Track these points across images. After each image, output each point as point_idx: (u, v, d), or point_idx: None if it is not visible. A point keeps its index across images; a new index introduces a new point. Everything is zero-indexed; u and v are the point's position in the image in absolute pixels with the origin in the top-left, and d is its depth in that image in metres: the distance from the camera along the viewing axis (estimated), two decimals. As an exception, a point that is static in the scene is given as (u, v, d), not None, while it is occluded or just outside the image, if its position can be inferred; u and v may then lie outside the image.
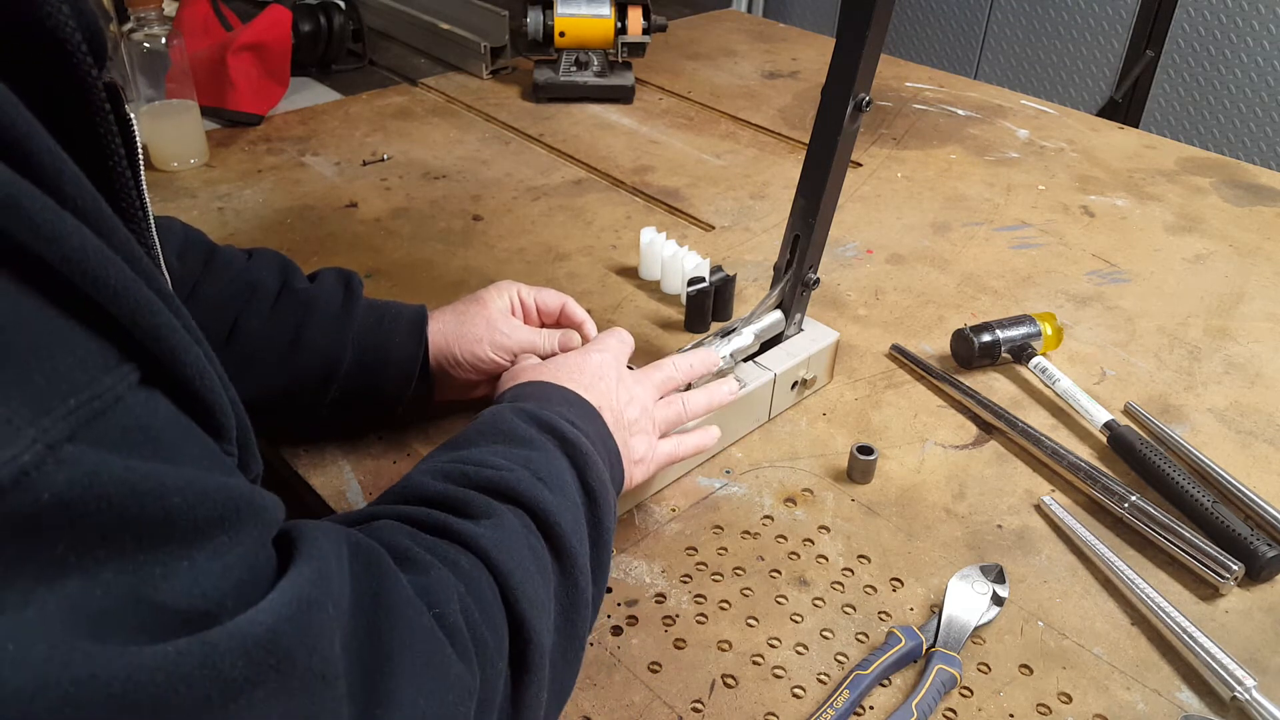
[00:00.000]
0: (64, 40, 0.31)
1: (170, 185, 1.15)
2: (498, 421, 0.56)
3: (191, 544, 0.30)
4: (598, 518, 0.54)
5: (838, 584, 0.67)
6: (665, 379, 0.69)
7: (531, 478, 0.51)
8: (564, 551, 0.50)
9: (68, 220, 0.28)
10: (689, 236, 1.10)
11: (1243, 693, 0.59)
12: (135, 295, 0.30)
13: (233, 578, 0.31)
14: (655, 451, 0.66)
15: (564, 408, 0.59)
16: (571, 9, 1.40)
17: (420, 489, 0.50)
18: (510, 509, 0.49)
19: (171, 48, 1.14)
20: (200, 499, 0.30)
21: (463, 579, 0.44)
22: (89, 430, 0.27)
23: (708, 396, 0.71)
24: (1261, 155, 2.13)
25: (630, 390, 0.66)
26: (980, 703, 0.59)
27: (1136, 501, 0.72)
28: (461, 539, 0.46)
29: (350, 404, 0.71)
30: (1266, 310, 1.01)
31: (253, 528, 0.33)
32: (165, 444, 0.31)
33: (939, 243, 1.11)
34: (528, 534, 0.49)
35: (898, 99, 1.51)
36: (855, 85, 0.68)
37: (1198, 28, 2.16)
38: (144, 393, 0.30)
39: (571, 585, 0.50)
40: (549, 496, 0.50)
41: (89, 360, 0.28)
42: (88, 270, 0.28)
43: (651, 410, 0.67)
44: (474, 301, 0.73)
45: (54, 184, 0.28)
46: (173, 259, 0.68)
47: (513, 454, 0.52)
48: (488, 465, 0.51)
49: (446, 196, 1.16)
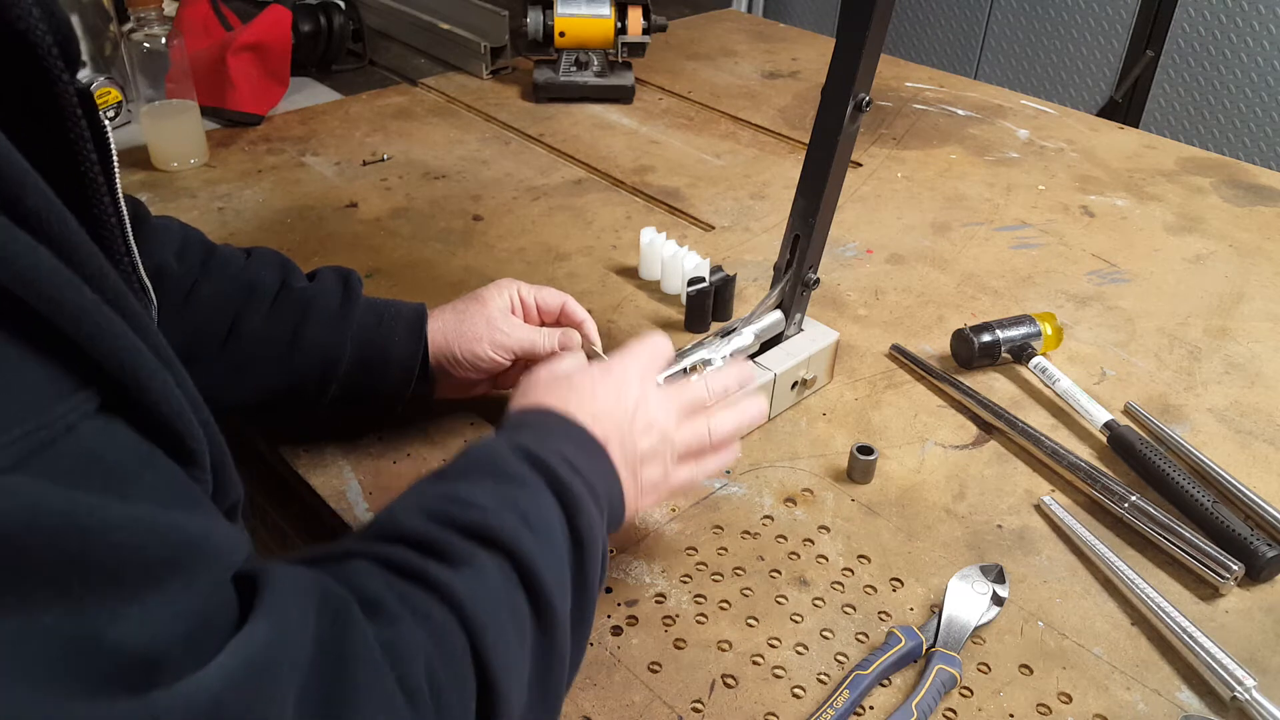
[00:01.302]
0: (34, 44, 0.31)
1: (170, 185, 1.15)
2: (491, 455, 0.53)
3: (141, 587, 0.29)
4: (583, 567, 0.51)
5: (838, 584, 0.67)
6: (693, 400, 0.64)
7: (518, 522, 0.48)
8: (544, 605, 0.47)
9: (22, 240, 0.27)
10: (689, 236, 1.10)
11: (1243, 693, 0.59)
12: (96, 318, 0.29)
13: (183, 627, 0.30)
14: (670, 480, 0.62)
15: (564, 444, 0.55)
16: (571, 9, 1.40)
17: (402, 526, 0.47)
18: (492, 556, 0.46)
19: (171, 48, 1.14)
20: (151, 538, 0.29)
21: (433, 634, 0.41)
22: (34, 461, 0.26)
23: (736, 418, 0.65)
24: (1261, 155, 2.13)
25: (649, 415, 0.60)
26: (980, 703, 0.59)
27: (1136, 501, 0.72)
28: (438, 588, 0.43)
29: (350, 403, 0.71)
30: (1266, 310, 1.01)
31: (207, 571, 0.32)
32: (120, 476, 0.29)
33: (939, 243, 1.11)
34: (507, 585, 0.46)
35: (898, 99, 1.51)
36: (855, 85, 0.68)
37: (1198, 28, 2.16)
38: (100, 421, 0.29)
39: (549, 641, 0.47)
40: (534, 545, 0.48)
41: (40, 388, 0.27)
42: (43, 292, 0.27)
43: (672, 436, 0.62)
44: (474, 300, 0.73)
45: (15, 198, 0.28)
46: (171, 259, 0.68)
47: (501, 493, 0.50)
48: (474, 505, 0.48)
49: (446, 196, 1.16)
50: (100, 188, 0.35)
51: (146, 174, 1.17)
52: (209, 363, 0.67)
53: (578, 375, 0.61)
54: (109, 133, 0.38)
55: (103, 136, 0.36)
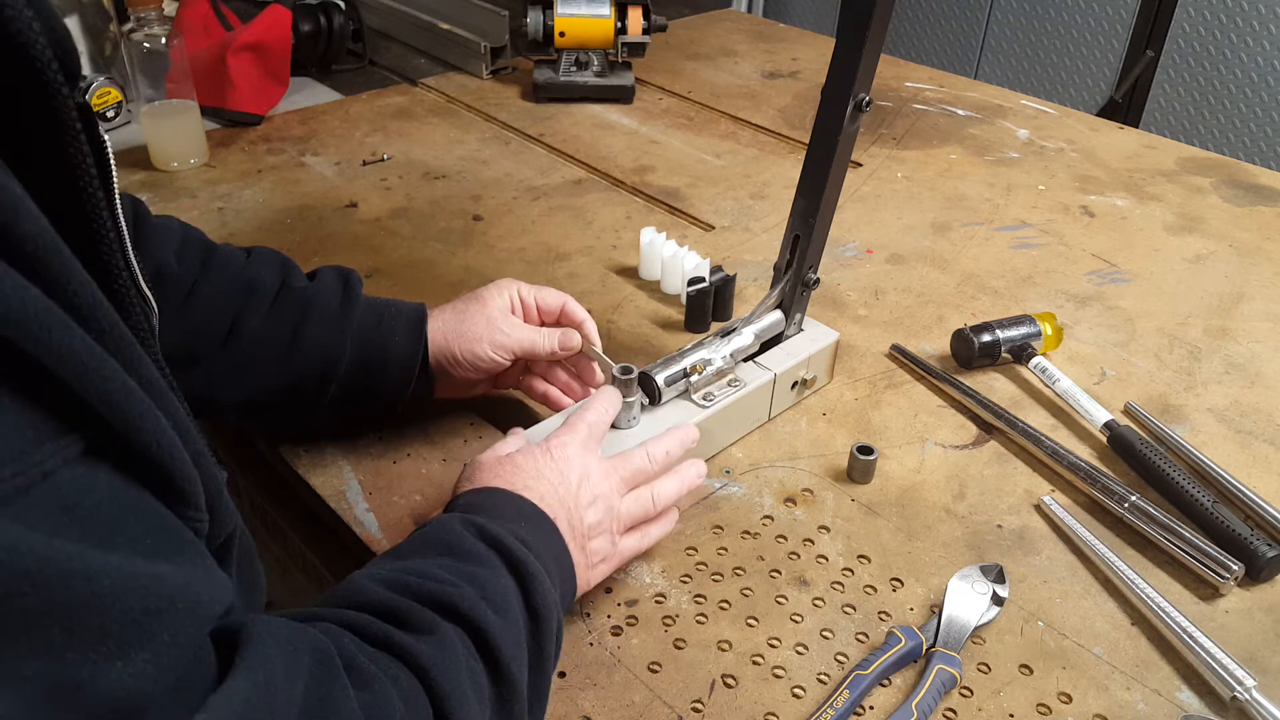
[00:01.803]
0: (34, 59, 0.30)
1: (170, 185, 1.15)
2: (444, 533, 0.53)
3: (126, 640, 0.28)
4: (539, 642, 0.51)
5: (838, 584, 0.67)
6: (635, 471, 0.64)
7: (475, 596, 0.48)
8: (503, 677, 0.48)
9: (10, 279, 0.26)
10: (689, 236, 1.10)
11: (1243, 693, 0.59)
12: (84, 359, 0.28)
13: (165, 680, 0.30)
14: (618, 549, 0.63)
15: (515, 523, 0.56)
16: (571, 9, 1.40)
17: (363, 594, 0.47)
18: (452, 627, 0.47)
19: (171, 48, 1.14)
20: (132, 589, 0.28)
21: (404, 698, 0.42)
22: (9, 508, 0.26)
23: (677, 485, 0.66)
24: (1261, 155, 2.13)
25: (594, 489, 0.61)
26: (980, 703, 0.59)
27: (1136, 501, 0.72)
28: (403, 654, 0.44)
29: (350, 402, 0.71)
30: (1266, 310, 1.01)
31: (190, 624, 0.31)
32: (99, 524, 0.29)
33: (939, 243, 1.11)
34: (468, 656, 0.47)
35: (898, 99, 1.51)
36: (855, 85, 0.68)
37: (1198, 28, 2.16)
38: (82, 467, 0.29)
39: (506, 713, 0.48)
40: (492, 618, 0.48)
41: (18, 434, 0.27)
42: (30, 333, 0.27)
43: (617, 507, 0.62)
44: (474, 300, 0.73)
45: (9, 225, 0.27)
46: (171, 259, 0.68)
47: (458, 569, 0.50)
48: (432, 578, 0.49)
49: (446, 196, 1.16)
50: (99, 203, 0.35)
51: (146, 174, 1.17)
52: (209, 363, 0.67)
53: (520, 456, 0.61)
54: (108, 147, 0.38)
55: (101, 150, 0.36)
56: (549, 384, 0.77)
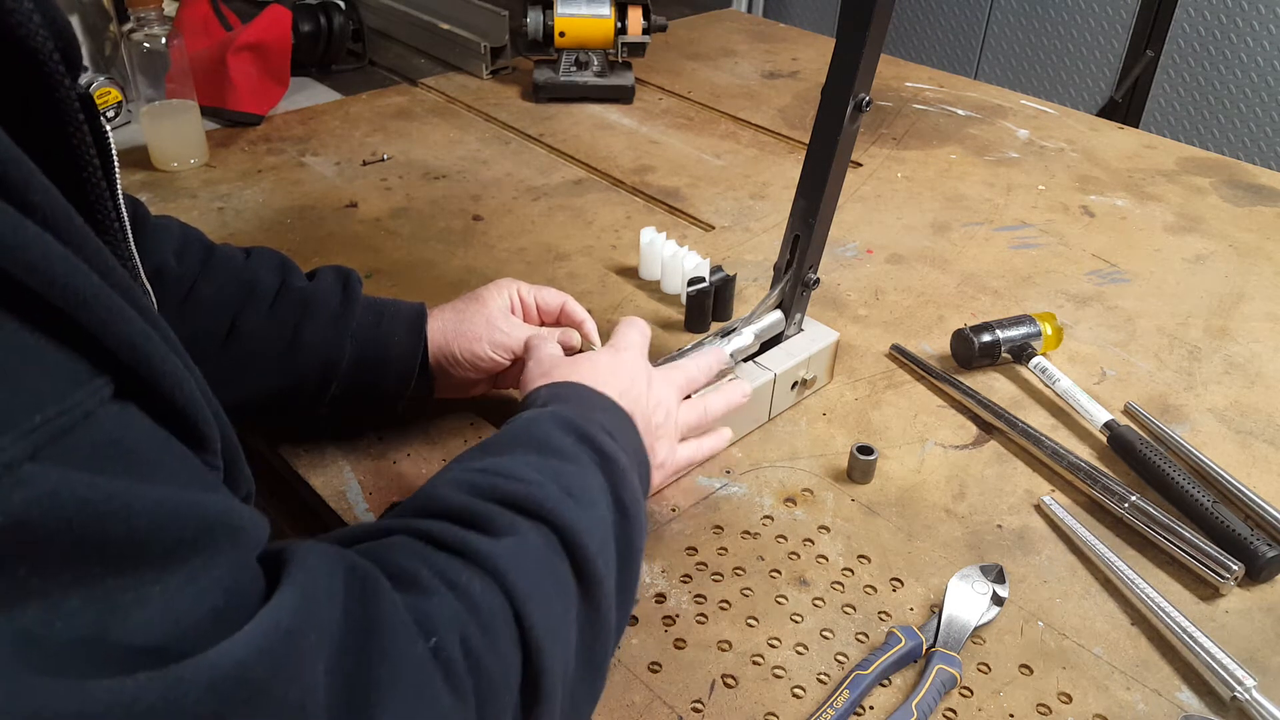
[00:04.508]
0: (35, 50, 0.31)
1: (170, 185, 1.15)
2: (533, 429, 0.53)
3: (164, 568, 0.29)
4: (629, 536, 0.51)
5: (838, 584, 0.67)
6: (688, 381, 0.68)
7: (561, 493, 0.48)
8: (588, 574, 0.47)
9: (30, 229, 0.27)
10: (689, 236, 1.10)
11: (1243, 693, 0.59)
12: (107, 305, 0.29)
13: (207, 604, 0.30)
14: (675, 456, 0.65)
15: (601, 415, 0.57)
16: (571, 9, 1.40)
17: (442, 500, 0.47)
18: (535, 526, 0.47)
19: (171, 48, 1.14)
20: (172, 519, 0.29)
21: (471, 605, 0.42)
22: (54, 448, 0.26)
23: (725, 398, 0.70)
24: (1261, 155, 2.13)
25: (659, 393, 0.64)
26: (980, 703, 0.59)
27: (1136, 501, 0.72)
28: (479, 558, 0.43)
29: (350, 402, 0.71)
30: (1266, 310, 1.01)
31: (230, 549, 0.32)
32: (138, 459, 0.30)
33: (939, 243, 1.11)
34: (551, 554, 0.46)
35: (898, 99, 1.51)
36: (855, 85, 0.68)
37: (1198, 28, 2.16)
38: (117, 406, 0.29)
39: (594, 610, 0.47)
40: (578, 515, 0.48)
41: (56, 375, 0.28)
42: (54, 280, 0.27)
43: (675, 414, 0.65)
44: (473, 300, 0.73)
45: (20, 194, 0.28)
46: (170, 259, 0.68)
47: (545, 465, 0.50)
48: (516, 478, 0.48)
49: (446, 196, 1.16)
50: (102, 192, 0.35)
51: (146, 174, 1.17)
52: (209, 363, 0.66)
53: (595, 356, 0.64)
54: (110, 137, 0.38)
55: (104, 141, 0.36)
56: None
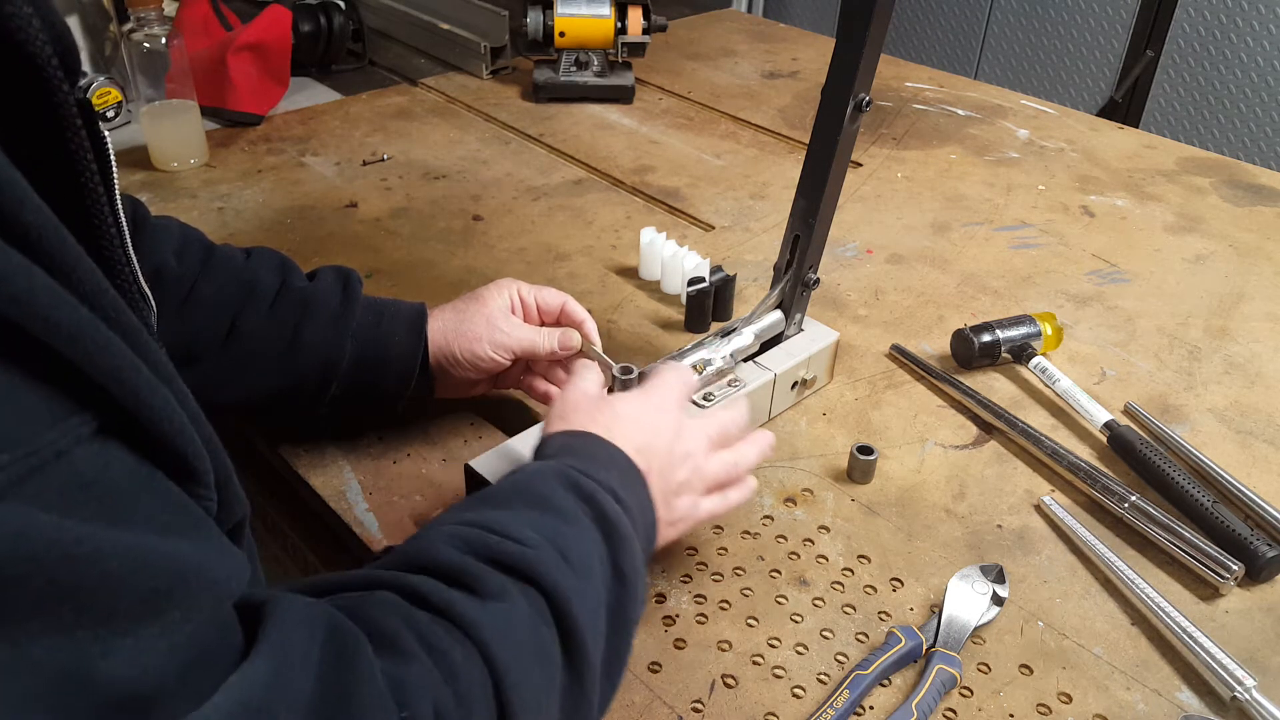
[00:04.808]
0: (33, 55, 0.30)
1: (170, 185, 1.15)
2: (535, 484, 0.52)
3: (136, 619, 0.28)
4: (623, 606, 0.49)
5: (838, 584, 0.67)
6: (722, 433, 0.64)
7: (557, 558, 0.47)
8: (575, 645, 0.46)
9: (15, 260, 0.26)
10: (689, 236, 1.10)
11: (1243, 693, 0.59)
12: (93, 338, 0.28)
13: (178, 660, 0.29)
14: (696, 511, 0.61)
15: (610, 473, 0.54)
16: (571, 9, 1.40)
17: (434, 555, 0.46)
18: (525, 591, 0.45)
19: (171, 48, 1.14)
20: (145, 567, 0.28)
21: (449, 674, 0.40)
22: (21, 488, 0.26)
23: (758, 450, 0.65)
24: (1261, 155, 2.13)
25: (686, 446, 0.60)
26: (980, 703, 0.59)
27: (1136, 501, 0.72)
28: (463, 624, 0.42)
29: (350, 402, 0.71)
30: (1266, 310, 1.01)
31: (207, 602, 0.31)
32: (114, 502, 0.29)
33: (939, 243, 1.11)
34: (538, 622, 0.45)
35: (898, 99, 1.51)
36: (855, 85, 0.68)
37: (1198, 28, 2.16)
38: (95, 446, 0.29)
39: (577, 682, 0.46)
40: (571, 582, 0.46)
41: (30, 414, 0.27)
42: (38, 314, 0.27)
43: (703, 468, 0.61)
44: (474, 300, 0.73)
45: (11, 216, 0.27)
46: (170, 259, 0.68)
47: (544, 524, 0.49)
48: (512, 537, 0.47)
49: (446, 196, 1.16)
50: (100, 199, 0.35)
51: (146, 174, 1.17)
52: (209, 363, 0.67)
53: (620, 402, 0.60)
54: (108, 143, 0.38)
55: (102, 147, 0.36)
56: (549, 384, 0.77)
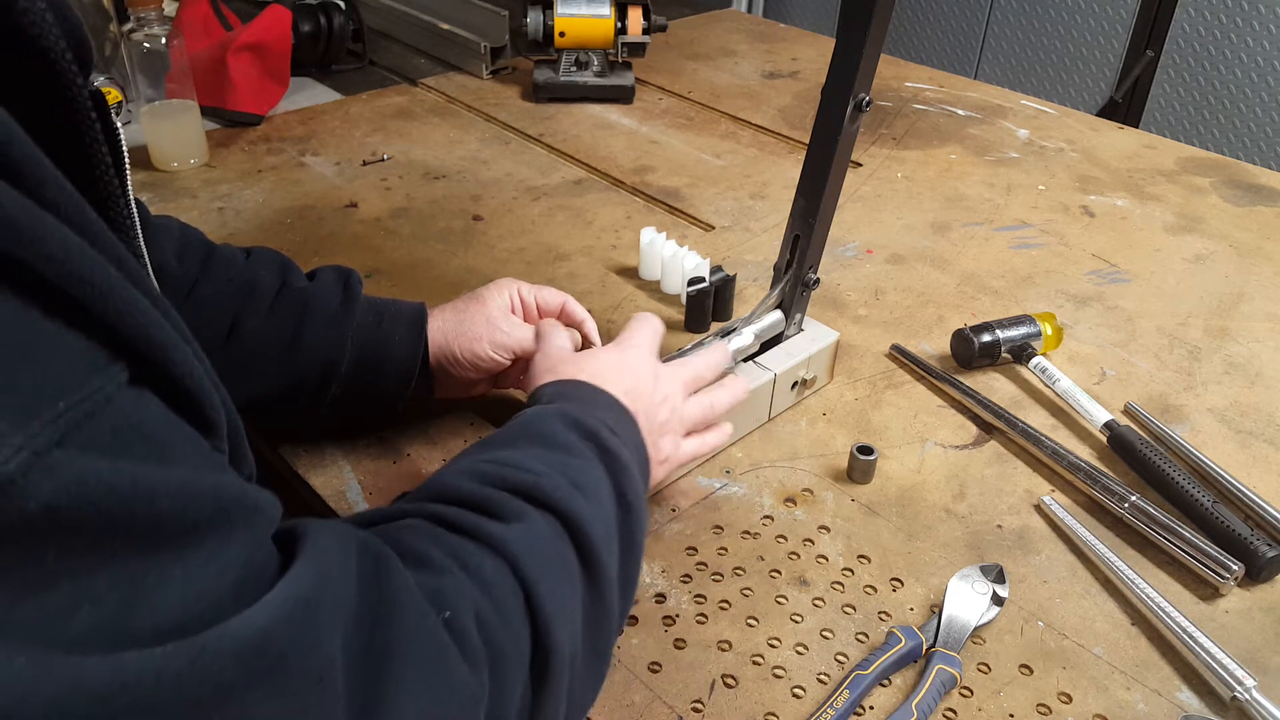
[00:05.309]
0: (47, 49, 0.31)
1: (170, 185, 1.15)
2: (538, 424, 0.55)
3: (185, 548, 0.30)
4: (630, 530, 0.52)
5: (838, 584, 0.67)
6: (695, 377, 0.68)
7: (568, 485, 0.49)
8: (594, 563, 0.48)
9: (48, 221, 0.27)
10: (689, 236, 1.10)
11: (1243, 693, 0.59)
12: (121, 294, 0.29)
13: (228, 579, 0.31)
14: (679, 451, 0.66)
15: (604, 413, 0.58)
16: (571, 9, 1.40)
17: (453, 488, 0.49)
18: (543, 514, 0.48)
19: (171, 48, 1.14)
20: (193, 500, 0.30)
21: (483, 584, 0.43)
22: (78, 434, 0.27)
23: (730, 394, 0.70)
24: (1261, 155, 2.13)
25: (664, 389, 0.65)
26: (980, 703, 0.59)
27: (1136, 501, 0.72)
28: (490, 541, 0.45)
29: (350, 402, 0.71)
30: (1266, 310, 1.01)
31: (247, 526, 0.33)
32: (157, 443, 0.30)
33: (939, 243, 1.11)
34: (558, 541, 0.47)
35: (898, 99, 1.51)
36: (855, 85, 0.68)
37: (1198, 28, 2.16)
38: (134, 391, 0.30)
39: (598, 597, 0.49)
40: (584, 505, 0.49)
41: (77, 362, 0.28)
42: (71, 270, 0.28)
43: (681, 409, 0.66)
44: (474, 299, 0.73)
45: (35, 188, 0.28)
46: (171, 259, 0.68)
47: (550, 459, 0.51)
48: (524, 468, 0.50)
49: (446, 196, 1.16)
50: (115, 189, 0.36)
51: (146, 174, 1.17)
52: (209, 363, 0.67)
53: (602, 353, 0.65)
54: (121, 135, 0.38)
55: (115, 138, 0.37)
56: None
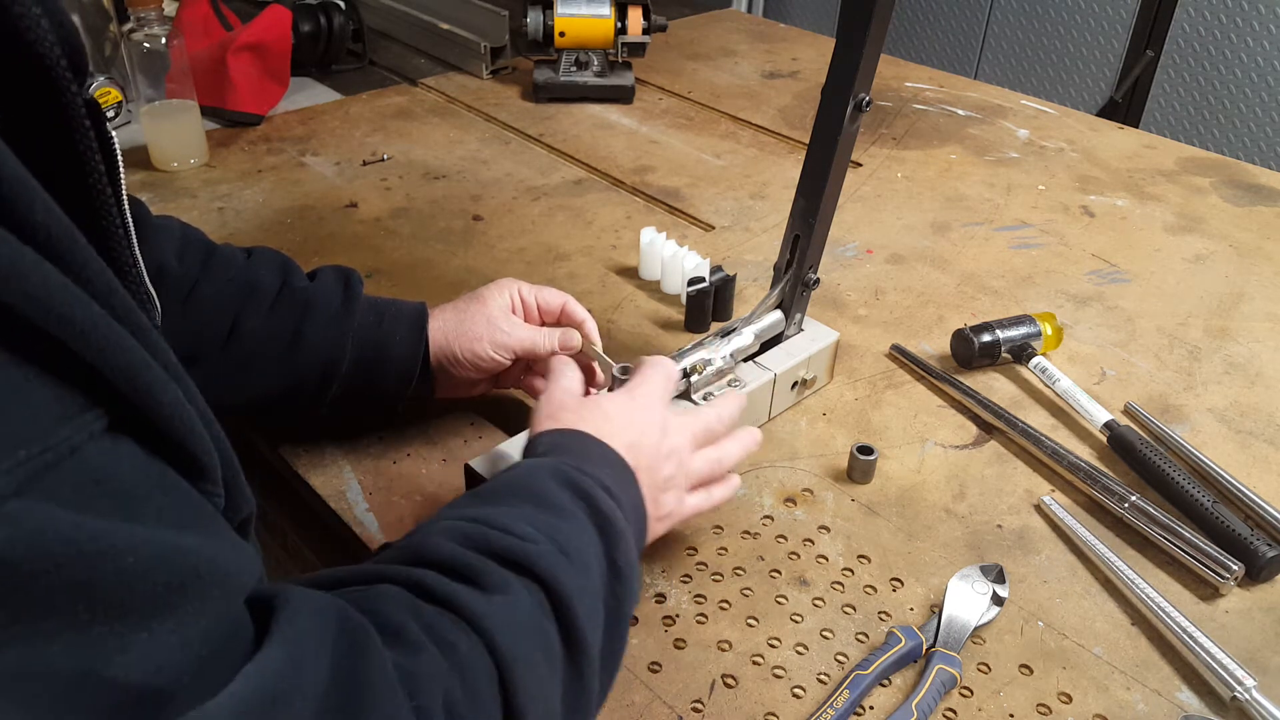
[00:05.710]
0: (42, 56, 0.30)
1: (170, 185, 1.15)
2: (530, 480, 0.52)
3: (149, 614, 0.28)
4: (619, 599, 0.50)
5: (838, 584, 0.67)
6: (706, 430, 0.65)
7: (555, 553, 0.48)
8: (576, 640, 0.46)
9: (29, 257, 0.26)
10: (689, 236, 1.10)
11: (1243, 693, 0.59)
12: (105, 334, 0.28)
13: (193, 654, 0.30)
14: (682, 506, 0.63)
15: (602, 469, 0.55)
16: (571, 9, 1.40)
17: (436, 550, 0.46)
18: (526, 585, 0.46)
19: (171, 48, 1.14)
20: (161, 561, 0.28)
21: (457, 664, 0.41)
22: (38, 484, 0.26)
23: (741, 446, 0.67)
24: (1261, 155, 2.13)
25: (671, 443, 0.62)
26: (980, 703, 0.59)
27: (1136, 501, 0.72)
28: (467, 616, 0.43)
29: (350, 402, 0.71)
30: (1266, 310, 1.01)
31: (218, 596, 0.31)
32: (126, 497, 0.29)
33: (939, 243, 1.11)
34: (539, 616, 0.46)
35: (898, 99, 1.51)
36: (855, 85, 0.68)
37: (1198, 28, 2.16)
38: (107, 441, 0.29)
39: (578, 676, 0.47)
40: (570, 577, 0.47)
41: (44, 410, 0.27)
42: (52, 310, 0.27)
43: (688, 465, 0.63)
44: (474, 299, 0.73)
45: (22, 215, 0.27)
46: (171, 259, 0.68)
47: (540, 520, 0.49)
48: (510, 532, 0.48)
49: (446, 196, 1.16)
50: (108, 199, 0.35)
51: (146, 174, 1.17)
52: (209, 363, 0.67)
53: (606, 401, 0.61)
54: (115, 144, 0.38)
55: (109, 147, 0.36)
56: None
